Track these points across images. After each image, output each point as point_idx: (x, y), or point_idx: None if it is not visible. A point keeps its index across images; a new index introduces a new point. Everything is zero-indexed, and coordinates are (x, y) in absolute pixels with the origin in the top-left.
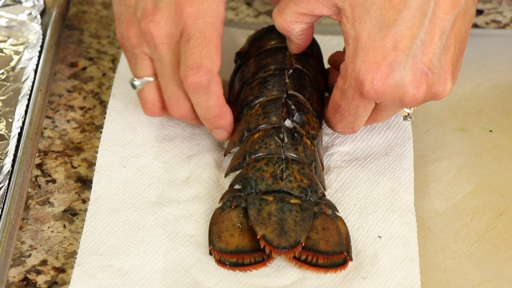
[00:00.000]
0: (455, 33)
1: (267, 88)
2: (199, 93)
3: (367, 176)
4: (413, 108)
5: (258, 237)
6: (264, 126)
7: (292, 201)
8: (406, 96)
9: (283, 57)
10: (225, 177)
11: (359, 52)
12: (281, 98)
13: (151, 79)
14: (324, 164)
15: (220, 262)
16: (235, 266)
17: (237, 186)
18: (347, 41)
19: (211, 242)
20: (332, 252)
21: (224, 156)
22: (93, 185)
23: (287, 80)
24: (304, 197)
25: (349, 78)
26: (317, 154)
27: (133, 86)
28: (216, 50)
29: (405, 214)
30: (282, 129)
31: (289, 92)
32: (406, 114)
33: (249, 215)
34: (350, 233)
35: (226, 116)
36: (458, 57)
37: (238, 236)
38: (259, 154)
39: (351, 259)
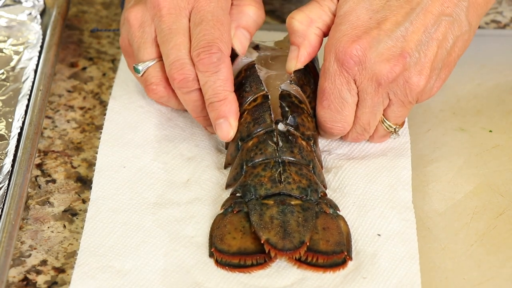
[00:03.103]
0: (439, 37)
1: (246, 91)
2: (208, 71)
3: (365, 173)
4: (397, 126)
5: (262, 242)
6: (256, 132)
7: (293, 202)
8: (382, 72)
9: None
10: (226, 189)
11: (342, 27)
12: (267, 99)
13: (154, 61)
14: (323, 164)
15: (221, 263)
16: (235, 267)
17: (237, 194)
18: (336, 20)
19: (212, 244)
20: (332, 252)
21: (225, 168)
22: (93, 185)
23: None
24: (305, 197)
25: (331, 52)
26: (314, 154)
27: (137, 71)
28: (228, 34)
29: (403, 211)
30: (275, 132)
31: (282, 92)
32: (393, 129)
33: (251, 221)
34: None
35: (231, 104)
36: (441, 64)
37: (240, 239)
38: (256, 161)
39: (350, 258)
